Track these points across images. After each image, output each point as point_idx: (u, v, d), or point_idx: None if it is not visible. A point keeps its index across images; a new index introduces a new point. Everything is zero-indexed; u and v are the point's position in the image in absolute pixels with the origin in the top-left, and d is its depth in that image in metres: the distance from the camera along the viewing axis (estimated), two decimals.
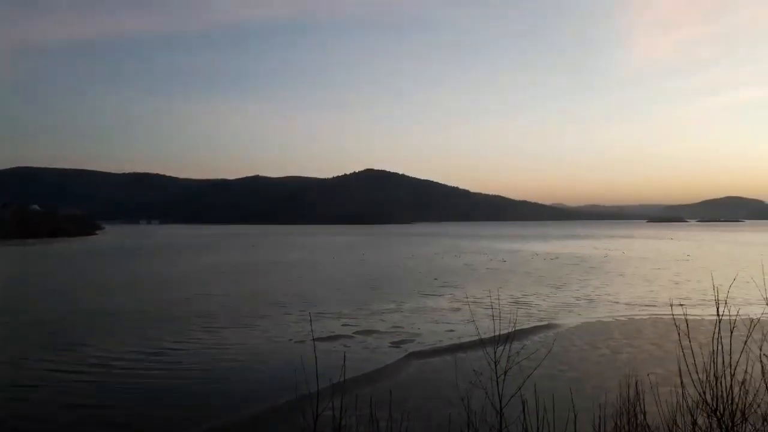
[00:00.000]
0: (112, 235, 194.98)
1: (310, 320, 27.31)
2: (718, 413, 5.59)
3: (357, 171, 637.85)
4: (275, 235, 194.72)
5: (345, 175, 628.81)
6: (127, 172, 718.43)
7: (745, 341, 5.83)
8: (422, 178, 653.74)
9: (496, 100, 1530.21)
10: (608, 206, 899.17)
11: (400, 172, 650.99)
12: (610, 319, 29.12)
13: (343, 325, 27.41)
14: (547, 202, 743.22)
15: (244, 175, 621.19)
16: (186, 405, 16.20)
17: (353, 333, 25.55)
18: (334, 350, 21.63)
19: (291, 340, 24.09)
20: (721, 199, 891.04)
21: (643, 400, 7.66)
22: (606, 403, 8.41)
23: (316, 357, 5.99)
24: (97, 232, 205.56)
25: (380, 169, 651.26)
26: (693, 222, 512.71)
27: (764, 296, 6.60)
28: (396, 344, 23.35)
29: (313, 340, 22.85)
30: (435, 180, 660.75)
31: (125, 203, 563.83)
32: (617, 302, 34.92)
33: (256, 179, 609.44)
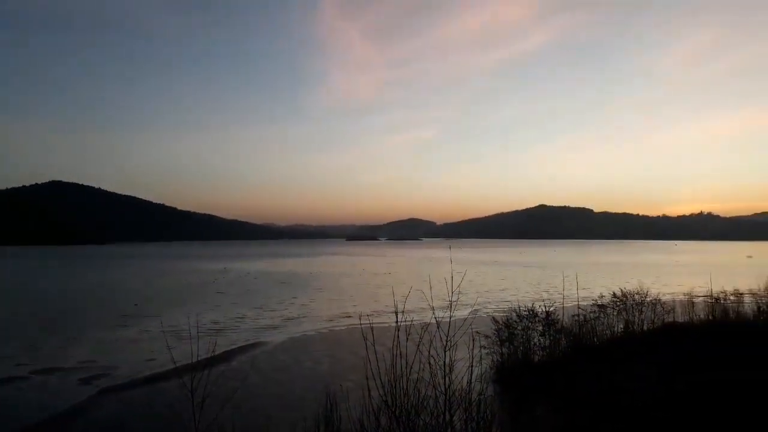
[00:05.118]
0: None
1: None
2: (396, 412, 6.41)
3: (39, 183, 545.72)
4: None
5: (24, 186, 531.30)
6: None
7: (418, 345, 6.84)
8: (122, 192, 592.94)
9: (211, 117, 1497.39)
10: (313, 225, 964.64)
11: (95, 185, 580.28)
12: (314, 333, 30.92)
13: (16, 365, 22.84)
14: (258, 221, 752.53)
15: None
16: None
17: (29, 373, 21.52)
18: (2, 396, 17.93)
19: None
20: (404, 220, 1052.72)
21: (338, 406, 8.31)
22: (307, 415, 8.85)
23: None
24: None
25: (69, 181, 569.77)
26: (383, 240, 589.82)
27: (431, 304, 7.90)
28: (85, 381, 20.51)
29: None
30: (137, 195, 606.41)
31: None
32: (320, 316, 37.29)
33: None
